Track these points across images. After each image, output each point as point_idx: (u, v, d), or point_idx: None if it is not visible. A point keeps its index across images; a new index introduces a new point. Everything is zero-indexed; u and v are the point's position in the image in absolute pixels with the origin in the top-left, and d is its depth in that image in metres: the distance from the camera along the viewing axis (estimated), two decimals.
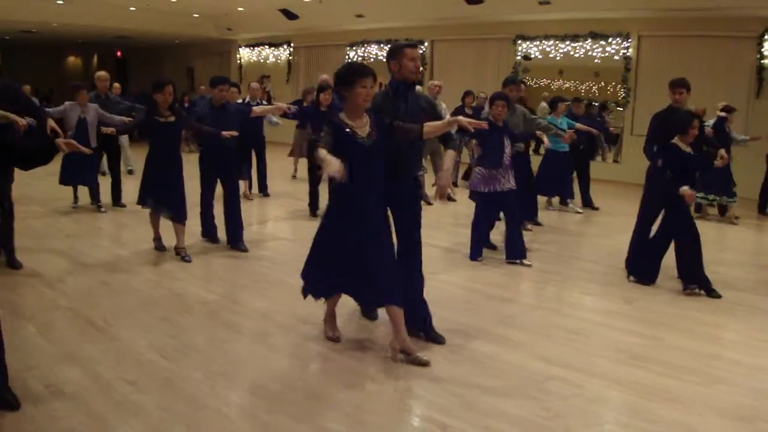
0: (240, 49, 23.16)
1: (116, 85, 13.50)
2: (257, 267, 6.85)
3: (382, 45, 18.79)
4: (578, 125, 10.19)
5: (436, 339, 4.88)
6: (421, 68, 4.69)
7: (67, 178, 9.24)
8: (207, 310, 5.48)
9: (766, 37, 13.29)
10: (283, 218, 9.73)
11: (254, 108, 8.24)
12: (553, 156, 10.23)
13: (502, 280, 6.68)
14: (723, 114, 10.33)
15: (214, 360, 4.47)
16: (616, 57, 14.95)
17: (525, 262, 7.17)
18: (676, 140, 6.30)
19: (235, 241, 7.43)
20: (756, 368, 4.75)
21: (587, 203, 11.13)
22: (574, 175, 10.93)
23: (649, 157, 6.77)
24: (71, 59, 29.97)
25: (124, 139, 11.96)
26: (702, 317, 5.83)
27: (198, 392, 3.97)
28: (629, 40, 14.76)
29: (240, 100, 11.34)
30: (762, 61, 13.34)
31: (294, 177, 13.56)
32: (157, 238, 7.27)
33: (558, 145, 9.85)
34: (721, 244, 9.00)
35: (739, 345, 5.27)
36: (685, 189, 6.09)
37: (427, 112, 4.85)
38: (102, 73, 9.89)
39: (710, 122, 10.28)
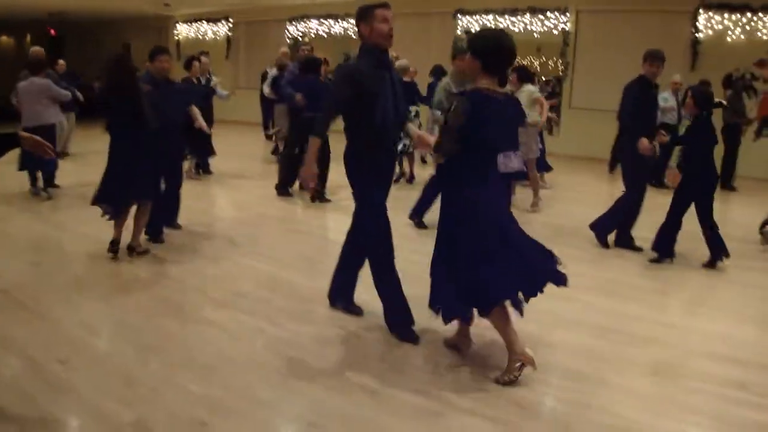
0: (177, 25, 22.70)
1: (61, 62, 13.05)
2: (193, 243, 6.76)
3: (322, 20, 18.65)
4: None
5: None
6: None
7: (27, 162, 8.56)
8: (140, 287, 5.41)
9: (700, 12, 13.57)
10: (221, 195, 9.62)
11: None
12: None
13: None
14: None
15: (147, 336, 4.42)
16: (554, 31, 15.10)
17: None
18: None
19: (171, 219, 7.20)
20: (689, 330, 4.91)
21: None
22: None
23: (628, 127, 6.91)
24: (3, 39, 29.01)
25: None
26: (640, 283, 6.02)
27: (131, 368, 3.93)
28: (567, 15, 14.92)
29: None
30: (696, 36, 13.64)
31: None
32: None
33: None
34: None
35: (674, 309, 5.44)
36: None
37: (404, 87, 4.62)
38: (37, 49, 9.58)
39: (666, 95, 10.55)
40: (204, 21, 21.77)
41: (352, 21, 17.97)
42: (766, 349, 4.62)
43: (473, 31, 16.01)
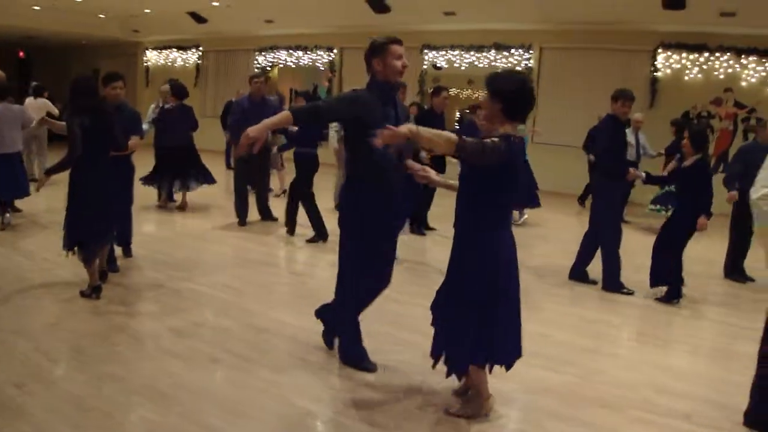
0: (147, 51, 22.74)
1: (34, 83, 13.08)
2: (151, 272, 6.76)
3: (291, 51, 18.83)
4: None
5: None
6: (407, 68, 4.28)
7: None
8: (97, 314, 5.39)
9: (659, 51, 13.96)
10: (181, 223, 9.62)
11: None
12: None
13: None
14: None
15: (103, 362, 4.41)
16: (518, 68, 15.40)
17: None
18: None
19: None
20: (632, 360, 5.05)
21: None
22: None
23: (607, 167, 6.99)
24: None
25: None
26: (594, 316, 6.17)
27: (85, 394, 3.93)
28: (531, 52, 15.25)
29: (153, 104, 11.22)
30: (655, 74, 14.02)
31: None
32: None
33: None
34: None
35: (625, 342, 5.58)
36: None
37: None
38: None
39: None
40: (174, 48, 21.84)
41: (321, 52, 18.28)
42: (713, 381, 4.77)
43: (438, 65, 16.33)
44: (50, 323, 5.12)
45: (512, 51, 15.45)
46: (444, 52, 16.20)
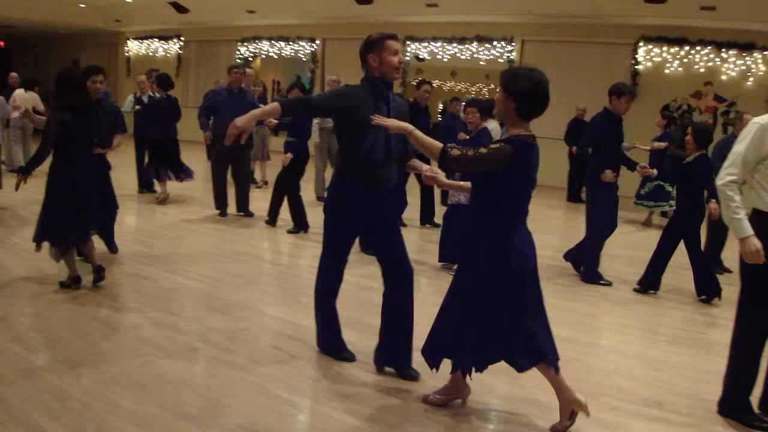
0: (128, 41, 22.61)
1: (13, 74, 13.05)
2: (130, 262, 6.76)
3: (273, 41, 18.78)
4: None
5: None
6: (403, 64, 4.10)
7: None
8: (76, 304, 5.38)
9: (640, 44, 14.06)
10: (160, 214, 9.60)
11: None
12: None
13: None
14: None
15: (81, 352, 4.41)
16: (500, 60, 15.47)
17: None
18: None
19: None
20: (607, 349, 5.11)
21: None
22: None
23: (586, 158, 7.04)
24: None
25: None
26: (572, 306, 6.24)
27: (63, 384, 3.93)
28: (513, 44, 15.32)
29: (131, 95, 11.17)
30: (636, 67, 14.13)
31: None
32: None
33: None
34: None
35: (602, 332, 5.64)
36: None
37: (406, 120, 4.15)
38: None
39: None
40: (155, 38, 21.73)
41: (303, 43, 18.24)
42: (687, 370, 4.84)
43: (421, 56, 16.34)
44: (29, 314, 5.12)
45: (494, 43, 15.51)
46: (426, 44, 16.23)
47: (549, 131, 13.61)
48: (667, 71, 14.01)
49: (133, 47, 22.55)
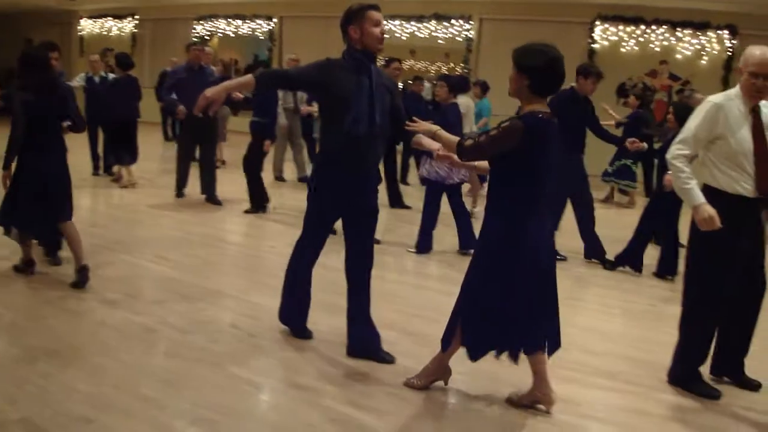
0: (82, 20, 22.14)
1: None
2: (86, 245, 6.59)
3: (230, 20, 18.56)
4: None
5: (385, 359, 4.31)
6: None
7: None
8: (31, 288, 5.32)
9: (597, 23, 14.20)
10: (116, 196, 9.49)
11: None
12: None
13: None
14: None
15: (37, 336, 4.36)
16: (458, 38, 15.50)
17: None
18: None
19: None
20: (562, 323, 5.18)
21: None
22: None
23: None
24: None
25: None
26: None
27: (19, 368, 3.89)
28: (471, 23, 15.34)
29: (82, 74, 10.95)
30: (592, 46, 14.27)
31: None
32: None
33: None
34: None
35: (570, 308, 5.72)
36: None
37: (393, 95, 4.19)
38: None
39: None
40: (109, 17, 21.30)
41: (260, 21, 18.06)
42: (639, 342, 4.99)
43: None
44: None
45: (452, 21, 15.52)
46: (385, 22, 16.11)
47: (506, 109, 13.73)
48: (623, 50, 14.18)
49: (87, 26, 22.08)
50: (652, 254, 7.01)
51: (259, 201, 8.58)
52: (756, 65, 3.80)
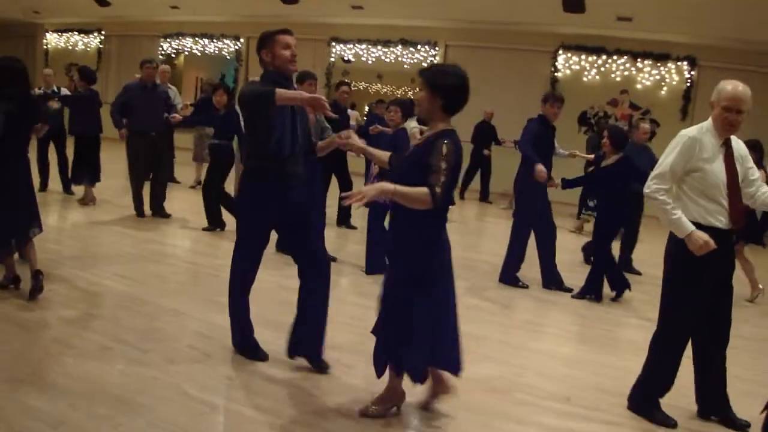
0: (47, 34, 21.94)
1: None
2: (43, 262, 6.55)
3: (197, 38, 18.55)
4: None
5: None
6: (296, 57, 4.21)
7: None
8: (2, 312, 5.23)
9: (560, 52, 14.46)
10: (75, 213, 9.39)
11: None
12: None
13: None
14: None
15: (10, 365, 4.32)
16: (424, 64, 15.65)
17: None
18: None
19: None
20: (518, 347, 5.26)
21: None
22: None
23: (528, 158, 7.02)
24: None
25: None
26: (485, 306, 6.37)
27: None
28: (437, 49, 15.54)
29: (35, 90, 10.79)
30: (555, 74, 14.52)
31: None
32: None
33: None
34: None
35: (515, 330, 5.80)
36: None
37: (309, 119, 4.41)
38: None
39: None
40: (75, 32, 21.13)
41: (227, 41, 18.09)
42: (594, 366, 5.05)
43: (346, 58, 16.37)
44: None
45: (418, 47, 15.70)
46: (351, 46, 16.30)
47: (468, 135, 13.89)
48: (585, 79, 14.46)
49: (52, 40, 21.87)
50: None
51: (216, 219, 8.60)
52: (728, 99, 3.90)
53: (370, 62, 16.37)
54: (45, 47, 21.94)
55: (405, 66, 16.10)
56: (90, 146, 9.61)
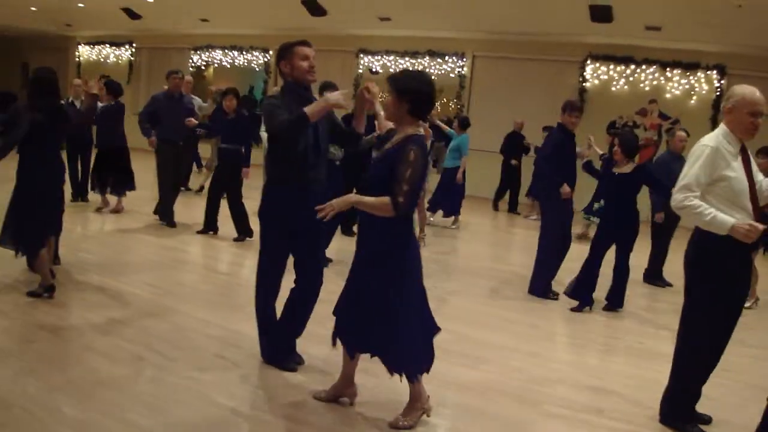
0: (79, 46, 22.27)
1: None
2: (75, 271, 6.65)
3: (226, 51, 18.72)
4: None
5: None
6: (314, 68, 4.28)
7: None
8: (19, 312, 5.29)
9: (588, 62, 14.39)
10: (105, 222, 9.48)
11: None
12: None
13: None
14: None
15: (25, 360, 4.36)
16: (452, 75, 15.69)
17: None
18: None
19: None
20: (549, 359, 5.22)
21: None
22: None
23: (544, 172, 7.16)
24: None
25: None
26: (513, 317, 6.35)
27: (6, 391, 3.88)
28: (464, 59, 15.54)
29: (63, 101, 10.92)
30: (583, 84, 14.44)
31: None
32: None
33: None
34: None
35: (542, 342, 5.75)
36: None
37: (330, 120, 4.46)
38: None
39: None
40: (107, 44, 21.45)
41: (256, 53, 18.23)
42: (627, 378, 4.98)
43: (374, 69, 16.45)
44: None
45: (446, 58, 15.71)
46: (379, 57, 16.35)
47: (498, 146, 13.85)
48: (613, 89, 14.36)
49: (84, 52, 22.21)
50: (640, 291, 7.05)
51: (244, 227, 8.69)
52: (755, 104, 3.86)
53: None
54: (77, 59, 22.27)
55: (432, 77, 16.11)
56: (118, 157, 9.73)
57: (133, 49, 20.82)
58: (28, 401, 3.78)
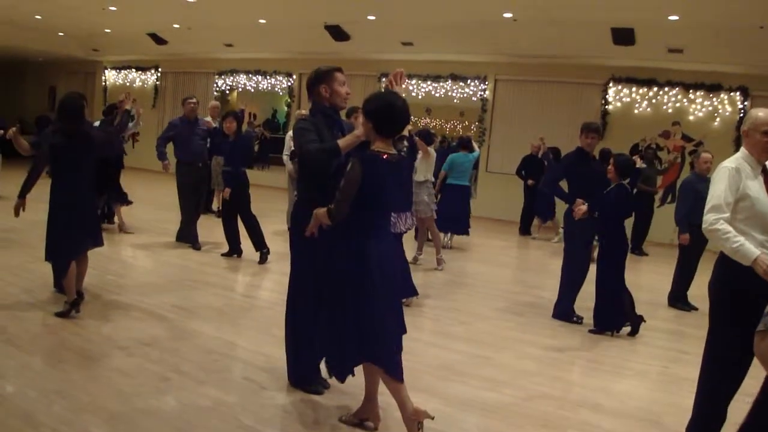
0: (106, 70, 22.63)
1: None
2: (102, 292, 6.75)
3: (250, 75, 18.92)
4: None
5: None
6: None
7: None
8: (47, 332, 5.39)
9: (610, 84, 14.39)
10: (130, 243, 9.60)
11: None
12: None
13: None
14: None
15: (52, 380, 4.42)
16: (474, 98, 15.76)
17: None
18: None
19: None
20: (573, 383, 5.21)
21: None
22: None
23: (556, 193, 7.18)
24: None
25: None
26: (535, 340, 6.31)
27: (34, 410, 3.94)
28: (486, 83, 15.60)
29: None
30: (606, 107, 14.43)
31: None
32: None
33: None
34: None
35: (566, 366, 5.74)
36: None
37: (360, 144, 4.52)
38: None
39: None
40: (133, 68, 21.78)
41: (280, 77, 18.41)
42: (652, 403, 4.95)
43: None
44: (1, 340, 5.11)
45: (468, 81, 15.79)
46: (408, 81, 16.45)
47: (502, 166, 13.87)
48: (636, 111, 14.33)
49: (111, 76, 22.56)
50: (664, 315, 7.01)
51: (233, 245, 8.98)
52: (763, 124, 3.87)
53: (420, 97, 16.50)
54: (104, 83, 22.61)
55: (455, 100, 16.22)
56: (114, 172, 9.94)
57: (159, 74, 21.11)
58: (56, 421, 3.84)
